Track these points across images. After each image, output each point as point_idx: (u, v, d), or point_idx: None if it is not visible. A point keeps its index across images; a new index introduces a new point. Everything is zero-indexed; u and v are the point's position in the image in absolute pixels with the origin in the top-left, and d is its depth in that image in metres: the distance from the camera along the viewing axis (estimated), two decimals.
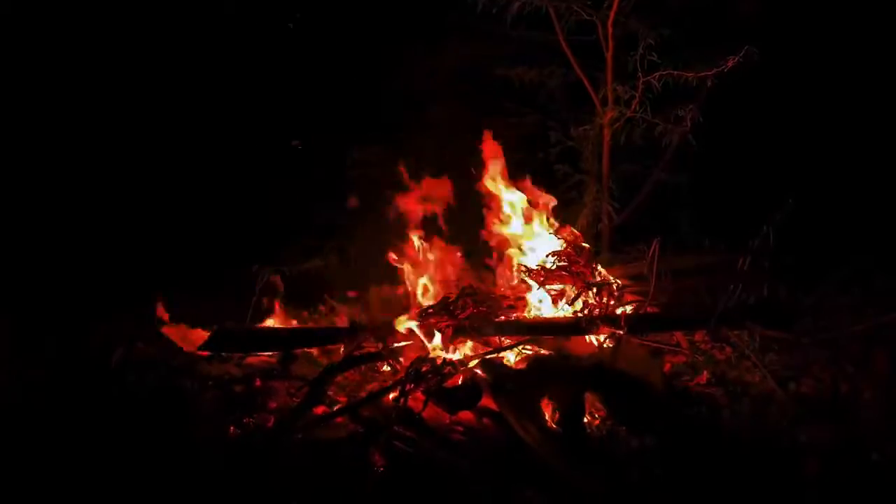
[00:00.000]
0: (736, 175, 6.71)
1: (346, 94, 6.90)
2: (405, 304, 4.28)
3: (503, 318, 3.82)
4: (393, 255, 4.37)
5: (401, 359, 3.67)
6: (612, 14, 5.09)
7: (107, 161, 6.26)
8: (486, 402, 3.15)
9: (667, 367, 3.76)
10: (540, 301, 4.01)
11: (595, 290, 3.91)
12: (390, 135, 6.16)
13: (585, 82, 5.57)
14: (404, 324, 3.71)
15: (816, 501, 2.45)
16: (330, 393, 3.45)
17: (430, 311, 3.77)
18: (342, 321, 4.58)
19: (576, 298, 3.88)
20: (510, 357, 3.66)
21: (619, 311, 3.81)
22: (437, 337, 3.61)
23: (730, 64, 4.77)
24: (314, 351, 4.04)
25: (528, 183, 4.58)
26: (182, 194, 6.33)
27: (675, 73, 5.03)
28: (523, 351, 3.68)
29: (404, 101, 6.66)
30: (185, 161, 6.47)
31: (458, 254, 4.44)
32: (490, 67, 6.23)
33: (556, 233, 4.36)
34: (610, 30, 5.20)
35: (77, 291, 4.96)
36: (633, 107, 5.22)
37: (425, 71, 6.60)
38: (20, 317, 4.29)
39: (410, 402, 3.07)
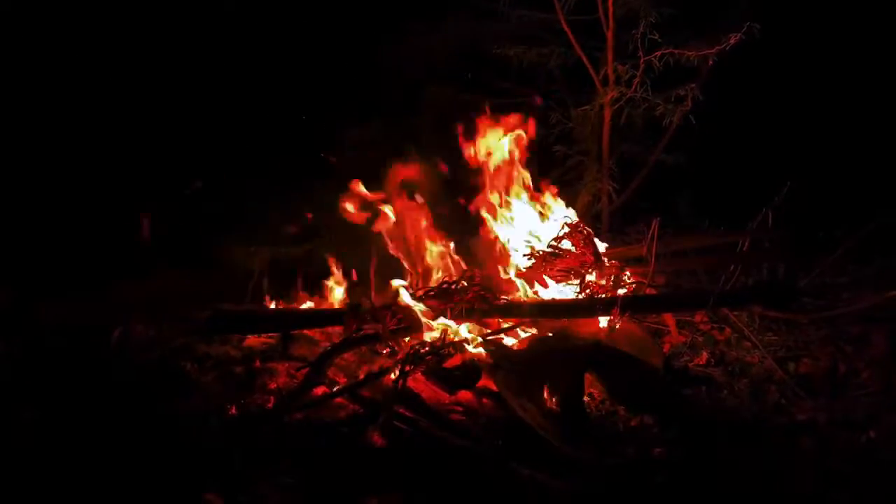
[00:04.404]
0: (737, 155, 6.69)
1: (343, 73, 6.83)
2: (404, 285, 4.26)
3: (503, 300, 3.82)
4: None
5: (400, 340, 3.66)
6: None
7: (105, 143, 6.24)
8: (486, 382, 3.15)
9: (666, 347, 3.77)
10: (539, 284, 4.00)
11: (595, 271, 3.91)
12: (388, 114, 6.11)
13: (586, 62, 5.51)
14: (404, 300, 3.68)
15: (813, 480, 2.46)
16: (330, 373, 3.45)
17: (431, 293, 3.77)
18: (341, 303, 4.56)
19: (582, 281, 3.88)
20: (509, 338, 3.66)
21: (619, 292, 3.81)
22: (437, 318, 3.60)
23: (731, 42, 4.72)
24: (314, 332, 4.04)
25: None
26: (180, 175, 6.30)
27: (677, 51, 4.98)
28: (523, 332, 3.68)
29: (402, 80, 6.59)
30: (177, 143, 6.43)
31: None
32: (489, 46, 6.14)
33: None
34: (611, 8, 5.14)
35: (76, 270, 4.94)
36: (633, 87, 5.18)
37: (423, 49, 6.52)
38: (17, 290, 4.26)
39: (410, 383, 3.08)
